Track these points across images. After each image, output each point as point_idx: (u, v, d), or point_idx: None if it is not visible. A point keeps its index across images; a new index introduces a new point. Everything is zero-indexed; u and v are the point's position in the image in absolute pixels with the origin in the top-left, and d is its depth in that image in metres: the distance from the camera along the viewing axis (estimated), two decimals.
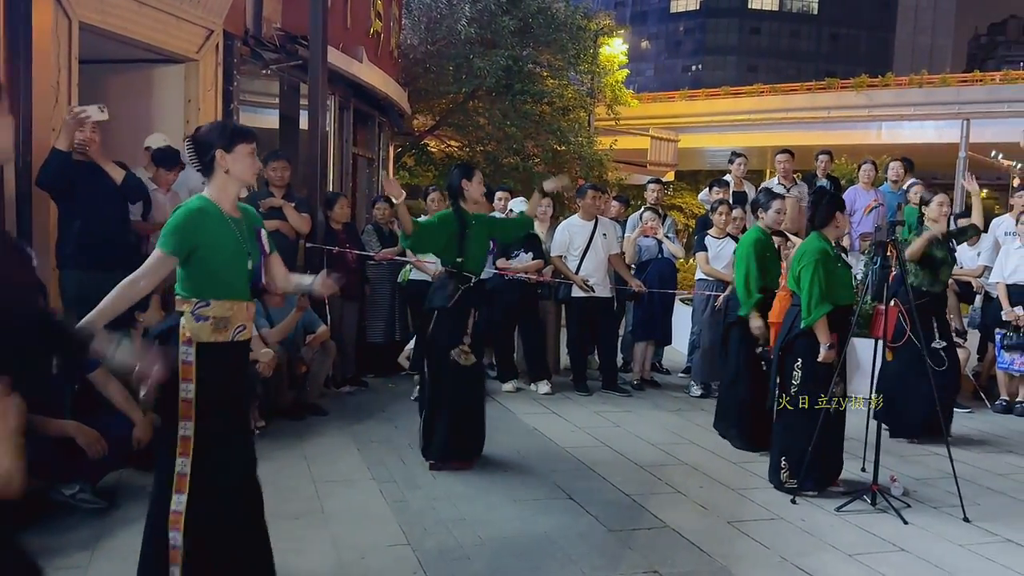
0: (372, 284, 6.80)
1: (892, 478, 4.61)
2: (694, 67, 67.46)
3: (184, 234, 2.73)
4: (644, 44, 66.13)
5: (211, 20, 7.87)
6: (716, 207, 7.06)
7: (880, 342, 4.55)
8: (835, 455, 4.48)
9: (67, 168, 4.74)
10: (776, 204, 5.31)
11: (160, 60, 7.73)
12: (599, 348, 7.21)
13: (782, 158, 8.23)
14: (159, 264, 2.75)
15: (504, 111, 18.58)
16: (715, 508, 4.26)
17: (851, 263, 4.65)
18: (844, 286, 4.47)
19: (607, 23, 24.59)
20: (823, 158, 8.12)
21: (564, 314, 7.27)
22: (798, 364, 4.49)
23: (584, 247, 6.75)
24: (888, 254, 4.29)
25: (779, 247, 5.62)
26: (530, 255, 6.81)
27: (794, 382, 4.50)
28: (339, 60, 10.26)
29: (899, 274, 5.33)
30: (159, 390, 2.68)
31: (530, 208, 5.51)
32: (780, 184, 7.99)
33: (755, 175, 23.47)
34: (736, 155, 8.29)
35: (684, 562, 3.57)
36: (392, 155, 16.03)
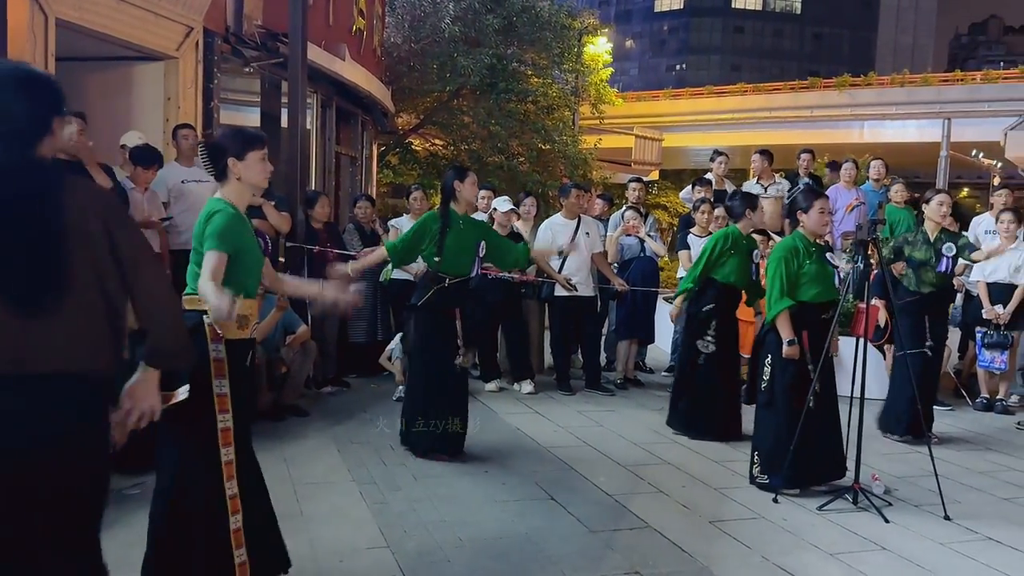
0: (354, 283, 6.74)
1: (874, 477, 4.62)
2: (678, 66, 67.65)
3: (234, 235, 2.83)
4: (628, 43, 66.20)
5: (191, 17, 7.79)
6: (698, 206, 7.08)
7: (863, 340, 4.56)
8: (814, 453, 4.43)
9: None
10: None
11: (139, 57, 7.66)
12: (582, 347, 7.19)
13: (755, 158, 8.27)
14: (223, 264, 2.78)
15: (488, 110, 18.54)
16: (697, 507, 4.25)
17: (836, 263, 4.62)
18: (814, 283, 4.46)
19: (591, 22, 24.59)
20: (805, 157, 8.15)
21: (547, 313, 7.25)
22: (768, 360, 4.51)
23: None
24: (869, 252, 4.29)
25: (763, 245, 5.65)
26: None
27: (764, 377, 4.52)
28: (321, 58, 10.19)
29: (879, 273, 5.36)
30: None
31: (537, 250, 5.72)
32: (758, 184, 8.01)
33: (739, 174, 23.53)
34: (718, 153, 8.31)
35: (666, 562, 3.56)
36: (376, 154, 15.95)
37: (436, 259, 4.78)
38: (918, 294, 5.60)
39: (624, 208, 7.56)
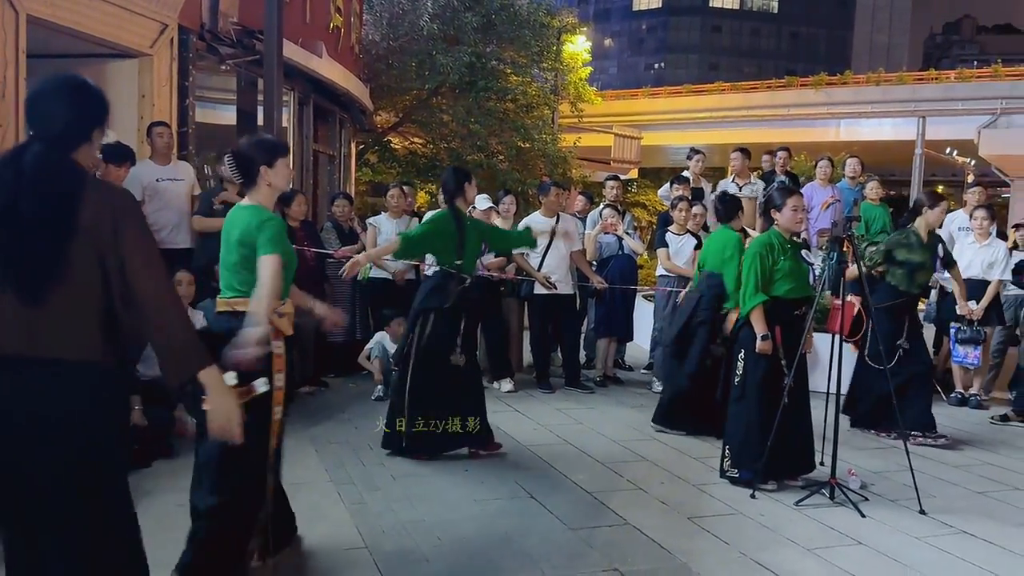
0: (332, 282, 6.71)
1: (850, 471, 4.66)
2: (657, 65, 67.88)
3: (284, 240, 3.06)
4: (608, 42, 66.36)
5: (165, 14, 7.71)
6: (676, 204, 7.10)
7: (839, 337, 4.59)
8: (785, 447, 4.45)
9: None
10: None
11: (113, 55, 7.56)
12: (561, 345, 7.19)
13: (734, 156, 8.32)
14: (279, 267, 2.97)
15: (468, 108, 18.49)
16: (676, 504, 4.26)
17: (811, 260, 4.66)
18: (788, 279, 4.49)
19: (570, 20, 24.61)
20: (781, 155, 8.21)
21: (527, 311, 7.24)
22: (741, 355, 4.54)
23: (546, 244, 6.72)
24: (844, 249, 4.32)
25: None
26: (492, 252, 6.77)
27: (738, 372, 4.55)
28: (298, 55, 10.13)
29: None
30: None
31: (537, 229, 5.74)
32: (733, 183, 8.05)
33: (718, 172, 23.64)
34: (694, 152, 8.35)
35: (645, 559, 3.56)
36: (354, 152, 15.87)
37: (458, 261, 4.79)
38: (907, 295, 5.63)
39: (602, 206, 7.57)
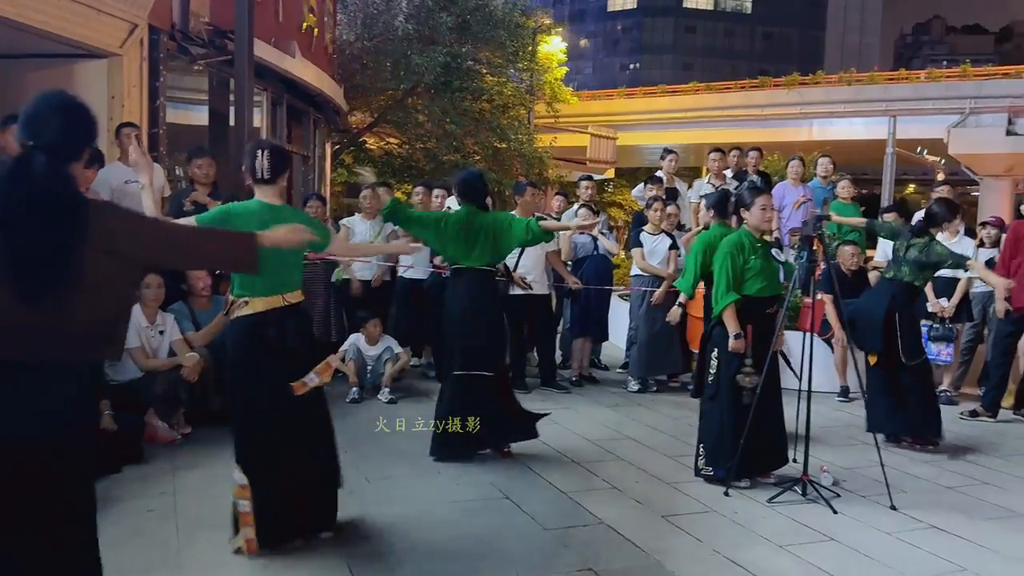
0: (305, 284, 6.64)
1: (822, 468, 4.70)
2: (632, 65, 68.15)
3: None
4: (583, 42, 66.54)
5: (134, 14, 7.62)
6: (650, 203, 7.13)
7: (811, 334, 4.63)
8: (758, 445, 4.48)
9: None
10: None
11: (82, 55, 7.46)
12: (537, 345, 7.19)
13: (714, 156, 8.36)
14: None
15: (444, 108, 18.45)
16: (650, 503, 4.28)
17: (781, 258, 4.70)
18: (759, 278, 4.52)
19: (545, 21, 24.64)
20: (753, 154, 8.26)
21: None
22: (714, 353, 4.57)
23: None
24: (814, 248, 4.36)
25: None
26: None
27: (711, 371, 4.58)
28: (270, 55, 10.06)
29: (826, 269, 5.46)
30: None
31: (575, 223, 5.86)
32: (710, 184, 8.10)
33: (693, 172, 23.82)
34: (668, 152, 8.38)
35: (619, 558, 3.57)
36: (329, 153, 15.78)
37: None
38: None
39: (576, 206, 7.58)
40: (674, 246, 7.00)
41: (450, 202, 6.63)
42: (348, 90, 17.12)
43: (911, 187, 43.81)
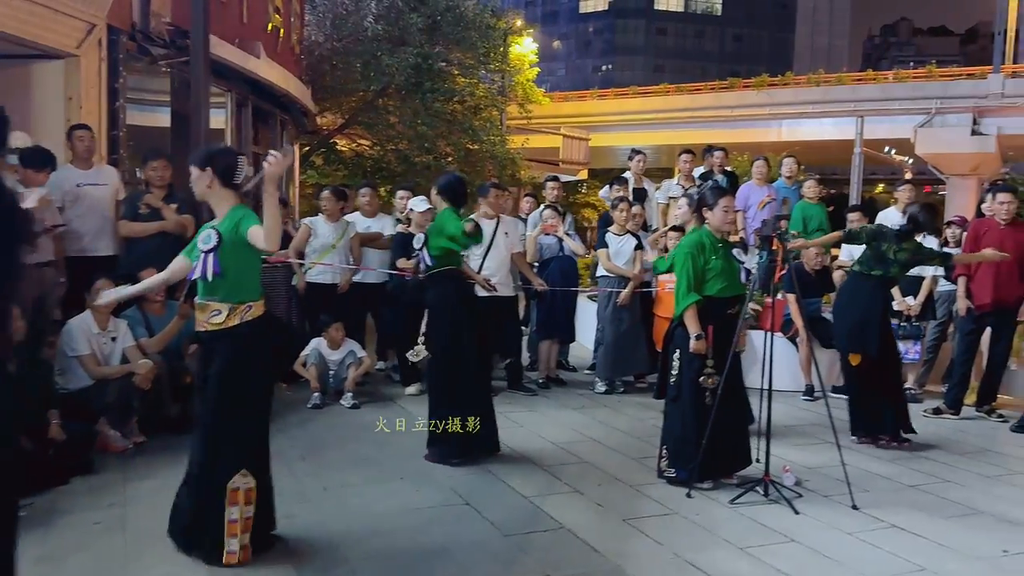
0: (265, 288, 6.53)
1: (785, 468, 4.69)
2: (604, 67, 68.35)
3: None
4: (556, 44, 66.65)
5: (92, 14, 7.45)
6: (616, 204, 7.10)
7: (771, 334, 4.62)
8: (721, 446, 4.46)
9: None
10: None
11: (38, 56, 7.29)
12: (503, 348, 7.13)
13: (685, 158, 8.37)
14: None
15: (415, 109, 18.33)
16: (612, 506, 4.24)
17: (743, 259, 4.68)
18: (720, 278, 4.50)
19: (516, 22, 24.59)
20: (718, 154, 8.29)
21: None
22: (676, 354, 4.54)
23: (486, 246, 6.63)
24: (773, 248, 4.35)
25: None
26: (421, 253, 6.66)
27: (673, 371, 4.56)
28: (234, 56, 9.90)
29: (790, 268, 5.45)
30: None
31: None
32: (679, 185, 8.10)
33: (665, 172, 23.89)
34: (636, 152, 8.37)
35: (578, 564, 3.52)
36: (298, 154, 15.61)
37: None
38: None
39: (542, 207, 7.53)
40: (639, 247, 6.97)
41: (412, 203, 6.54)
42: (317, 91, 16.95)
43: (880, 187, 44.33)
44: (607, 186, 8.11)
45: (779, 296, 4.45)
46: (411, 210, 6.52)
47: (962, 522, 4.20)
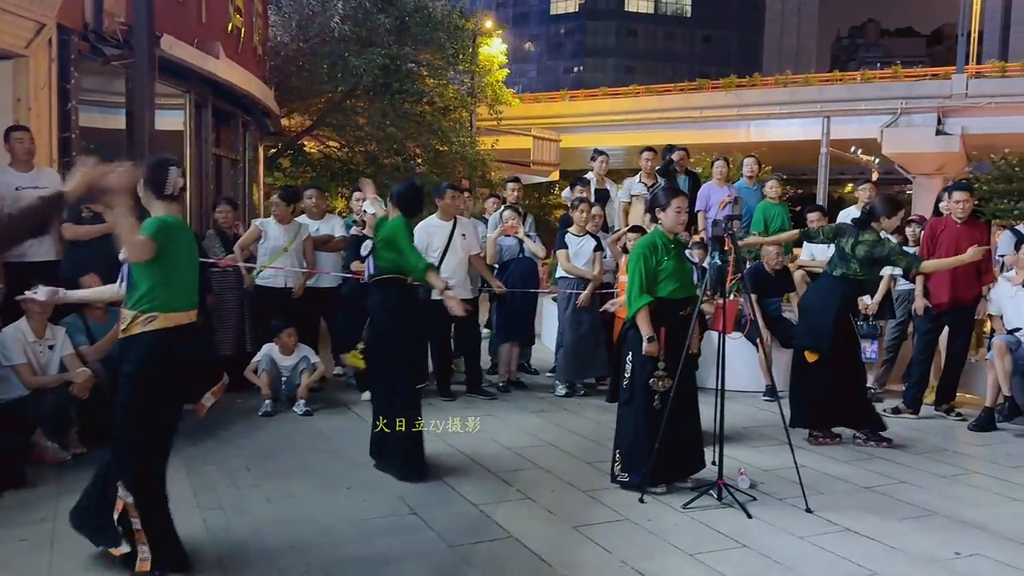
0: (216, 293, 6.39)
1: (740, 471, 4.64)
2: (576, 68, 68.47)
3: None
4: (528, 45, 66.67)
5: (41, 13, 7.25)
6: (577, 205, 7.03)
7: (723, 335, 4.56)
8: (675, 449, 4.41)
9: None
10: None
11: None
12: (462, 351, 7.04)
13: (646, 156, 8.33)
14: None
15: (383, 111, 18.17)
16: (563, 513, 4.15)
17: (694, 259, 4.63)
18: (672, 279, 4.44)
19: (486, 23, 24.50)
20: (679, 154, 8.25)
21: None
22: (629, 357, 4.47)
23: (443, 248, 6.53)
24: (725, 248, 4.29)
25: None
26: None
27: (626, 374, 4.49)
28: (192, 56, 9.70)
29: (752, 267, 5.42)
30: None
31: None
32: (641, 183, 8.05)
33: (635, 173, 23.88)
34: (598, 153, 8.32)
35: (523, 574, 3.43)
36: (262, 156, 15.39)
37: None
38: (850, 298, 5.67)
39: (502, 208, 7.45)
40: (599, 248, 6.91)
41: (367, 205, 6.40)
42: (284, 92, 16.73)
43: (849, 187, 44.74)
44: (569, 187, 8.04)
45: (731, 297, 4.38)
46: (364, 212, 6.39)
47: (916, 524, 4.16)
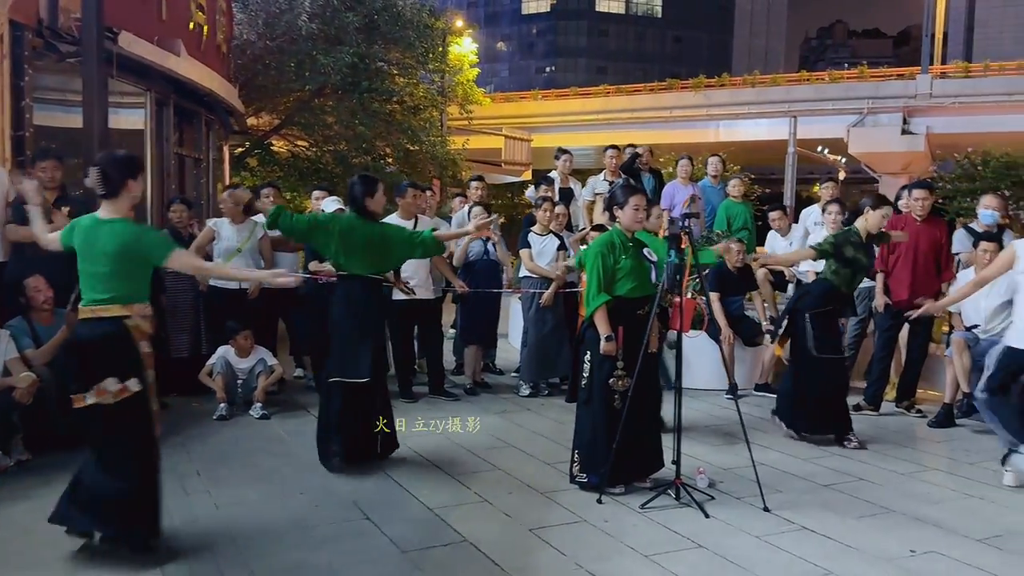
0: (170, 294, 6.26)
1: (699, 471, 4.61)
2: (548, 68, 68.56)
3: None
4: (500, 45, 66.62)
5: None
6: (540, 204, 6.98)
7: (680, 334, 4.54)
8: (633, 449, 4.37)
9: None
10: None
11: None
12: (424, 352, 6.96)
13: (610, 153, 8.32)
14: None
15: (352, 110, 18.03)
16: (519, 515, 4.09)
17: (652, 257, 4.60)
18: (630, 278, 4.41)
19: (456, 22, 24.41)
20: (641, 149, 8.26)
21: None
22: (587, 356, 4.43)
23: None
24: (682, 246, 4.27)
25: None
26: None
27: (584, 374, 4.45)
28: (152, 54, 9.52)
29: (718, 267, 5.41)
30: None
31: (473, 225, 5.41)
32: (605, 180, 8.03)
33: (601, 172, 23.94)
34: (562, 152, 8.31)
35: None
36: (227, 155, 15.18)
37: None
38: (841, 297, 5.63)
39: (468, 206, 7.36)
40: (562, 247, 6.86)
41: (325, 204, 6.32)
42: (251, 91, 16.53)
43: (816, 187, 45.21)
44: (532, 186, 8.00)
45: (688, 295, 4.37)
46: (322, 211, 6.29)
47: (872, 522, 4.16)
